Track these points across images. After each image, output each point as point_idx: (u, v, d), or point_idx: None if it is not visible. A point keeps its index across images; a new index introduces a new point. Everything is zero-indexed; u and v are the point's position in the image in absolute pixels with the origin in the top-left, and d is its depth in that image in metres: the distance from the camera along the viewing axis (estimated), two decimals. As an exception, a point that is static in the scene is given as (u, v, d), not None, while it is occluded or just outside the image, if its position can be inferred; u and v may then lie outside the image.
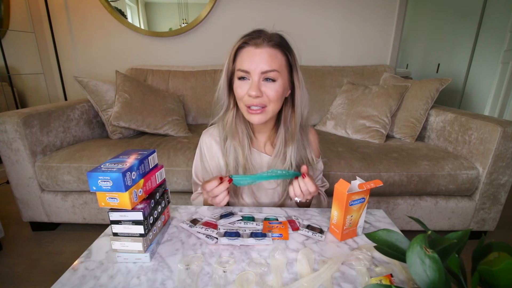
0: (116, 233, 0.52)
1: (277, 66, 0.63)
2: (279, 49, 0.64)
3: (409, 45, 3.78)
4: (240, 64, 0.64)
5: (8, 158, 1.26)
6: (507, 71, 2.35)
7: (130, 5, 2.03)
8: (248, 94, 0.63)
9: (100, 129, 1.66)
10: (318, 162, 0.83)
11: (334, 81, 1.86)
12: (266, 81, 0.64)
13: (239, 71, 0.64)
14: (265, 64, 0.62)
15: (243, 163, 0.73)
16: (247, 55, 0.63)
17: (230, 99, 0.71)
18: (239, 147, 0.72)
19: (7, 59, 1.91)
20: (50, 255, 1.28)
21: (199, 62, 2.08)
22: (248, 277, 0.49)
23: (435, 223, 1.33)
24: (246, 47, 0.64)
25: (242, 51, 0.65)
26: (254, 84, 0.63)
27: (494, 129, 1.15)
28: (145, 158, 0.54)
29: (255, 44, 0.63)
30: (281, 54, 0.64)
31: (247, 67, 0.63)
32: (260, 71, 0.62)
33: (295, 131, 0.72)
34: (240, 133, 0.73)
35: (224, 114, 0.73)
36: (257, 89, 0.63)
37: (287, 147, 0.73)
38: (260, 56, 0.62)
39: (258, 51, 0.62)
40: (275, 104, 0.66)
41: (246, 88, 0.64)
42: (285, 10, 2.00)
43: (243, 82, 0.65)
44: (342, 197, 0.57)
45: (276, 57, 0.63)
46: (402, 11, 2.00)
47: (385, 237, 0.42)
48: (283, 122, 0.72)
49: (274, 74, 0.63)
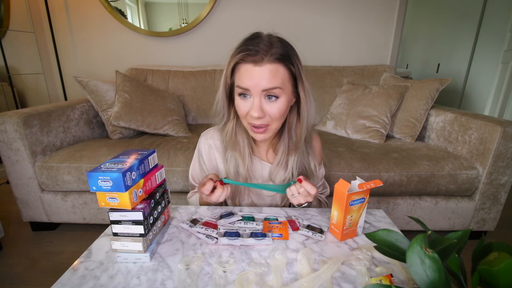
0: (116, 233, 0.52)
1: (280, 82, 0.58)
2: (281, 63, 0.58)
3: (409, 45, 3.78)
4: (239, 80, 0.60)
5: (8, 158, 1.26)
6: (507, 71, 2.35)
7: (130, 5, 2.03)
8: (250, 115, 0.60)
9: (100, 129, 1.66)
10: (320, 169, 0.82)
11: (334, 81, 1.87)
12: (268, 99, 0.60)
13: (238, 88, 0.60)
14: (266, 82, 0.57)
15: (244, 174, 0.71)
16: (245, 73, 0.58)
17: (230, 110, 0.68)
18: (239, 159, 0.70)
19: (7, 59, 1.91)
20: (50, 255, 1.28)
21: (199, 62, 2.08)
22: (248, 277, 0.49)
23: (435, 223, 1.33)
24: (244, 63, 0.58)
25: (240, 66, 0.60)
26: (256, 105, 0.59)
27: (494, 129, 1.15)
28: (145, 158, 0.54)
29: (254, 61, 0.57)
30: (283, 68, 0.59)
31: (246, 85, 0.58)
32: (261, 89, 0.58)
33: (300, 141, 0.69)
34: (241, 143, 0.70)
35: (224, 125, 0.71)
36: (259, 110, 0.59)
37: (289, 155, 0.71)
38: (261, 75, 0.57)
39: (257, 70, 0.57)
40: (279, 121, 0.64)
41: (248, 106, 0.61)
42: (285, 10, 2.00)
43: (244, 100, 0.61)
44: (342, 197, 0.57)
45: (278, 72, 0.58)
46: (402, 11, 2.00)
47: (385, 237, 0.42)
48: (287, 130, 0.69)
49: (277, 91, 0.59)
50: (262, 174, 0.75)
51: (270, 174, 0.74)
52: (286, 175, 0.73)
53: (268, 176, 0.75)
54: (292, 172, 0.72)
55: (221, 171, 0.76)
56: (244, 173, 0.71)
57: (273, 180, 0.75)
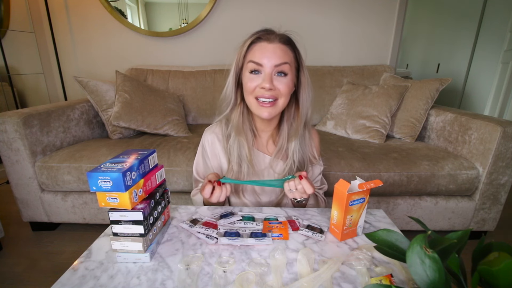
0: (116, 233, 0.52)
1: (289, 59, 0.66)
2: (289, 46, 0.67)
3: (409, 45, 3.78)
4: (252, 56, 0.66)
5: (8, 158, 1.26)
6: (507, 71, 2.35)
7: (130, 5, 2.03)
8: (262, 86, 0.65)
9: (100, 129, 1.66)
10: (318, 163, 0.84)
11: (334, 81, 1.87)
12: (278, 76, 0.66)
13: (251, 63, 0.66)
14: (278, 58, 0.65)
15: (248, 158, 0.74)
16: (259, 49, 0.66)
17: (238, 94, 0.73)
18: (244, 142, 0.74)
19: (7, 59, 1.91)
20: (50, 255, 1.28)
21: (199, 62, 2.08)
22: (248, 277, 0.49)
23: (435, 223, 1.33)
24: (259, 42, 0.66)
25: (254, 46, 0.67)
26: (268, 77, 0.65)
27: (494, 129, 1.15)
28: (145, 158, 0.54)
29: (268, 39, 0.66)
30: (290, 51, 0.68)
31: (260, 60, 0.65)
32: (273, 64, 0.65)
33: (299, 127, 0.74)
34: (245, 129, 0.75)
35: (231, 111, 0.74)
36: (271, 82, 0.65)
37: (290, 142, 0.75)
38: (273, 50, 0.65)
39: (271, 46, 0.65)
40: (285, 98, 0.69)
41: (258, 81, 0.66)
42: (285, 10, 2.00)
43: (254, 76, 0.67)
44: (342, 197, 0.57)
45: (287, 52, 0.67)
46: (402, 11, 2.00)
47: (385, 237, 0.42)
48: (287, 118, 0.75)
49: (286, 66, 0.66)
50: (261, 167, 0.78)
51: (271, 162, 0.77)
52: (287, 163, 0.75)
53: (269, 164, 0.77)
54: (293, 159, 0.75)
55: (224, 164, 0.79)
56: (248, 157, 0.74)
57: (274, 169, 0.78)
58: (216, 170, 0.81)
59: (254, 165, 0.76)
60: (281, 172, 0.77)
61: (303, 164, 0.78)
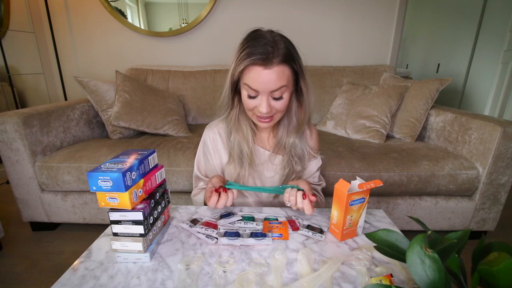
0: (116, 233, 0.52)
1: (285, 81, 0.65)
2: (286, 65, 0.64)
3: (409, 45, 3.78)
4: (248, 80, 0.64)
5: (8, 158, 1.26)
6: (507, 71, 2.35)
7: (130, 5, 2.03)
8: (260, 111, 0.66)
9: (100, 129, 1.66)
10: (316, 158, 0.85)
11: (334, 81, 1.87)
12: (274, 99, 0.66)
13: (247, 87, 0.65)
14: (274, 84, 0.63)
15: (249, 155, 0.76)
16: (255, 74, 0.63)
17: (234, 98, 0.73)
18: (243, 140, 0.76)
19: (7, 59, 1.91)
20: (50, 255, 1.28)
21: (199, 62, 2.08)
22: (248, 277, 0.49)
23: (435, 223, 1.33)
24: (253, 66, 0.63)
25: (250, 69, 0.64)
26: (264, 102, 0.65)
27: (494, 129, 1.15)
28: (145, 158, 0.54)
29: (264, 65, 0.62)
30: (288, 69, 0.64)
31: (255, 86, 0.64)
32: (269, 90, 0.64)
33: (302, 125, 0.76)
34: (244, 129, 0.76)
35: (228, 113, 0.76)
36: (267, 106, 0.66)
37: (288, 137, 0.77)
38: (269, 77, 0.62)
39: (266, 72, 0.62)
40: (283, 112, 0.71)
41: (256, 102, 0.67)
42: (285, 10, 2.00)
43: (252, 99, 0.67)
44: (342, 197, 0.57)
45: (284, 73, 0.64)
46: (402, 11, 2.00)
47: (385, 237, 0.42)
48: (286, 113, 0.75)
49: (283, 89, 0.65)
50: (262, 159, 0.80)
51: (270, 156, 0.80)
52: (285, 157, 0.78)
53: (268, 158, 0.80)
54: (291, 154, 0.77)
55: (224, 160, 0.81)
56: (248, 154, 0.76)
57: (272, 162, 0.81)
58: (217, 166, 0.82)
59: (254, 160, 0.78)
60: (280, 163, 0.79)
61: (303, 158, 0.80)
